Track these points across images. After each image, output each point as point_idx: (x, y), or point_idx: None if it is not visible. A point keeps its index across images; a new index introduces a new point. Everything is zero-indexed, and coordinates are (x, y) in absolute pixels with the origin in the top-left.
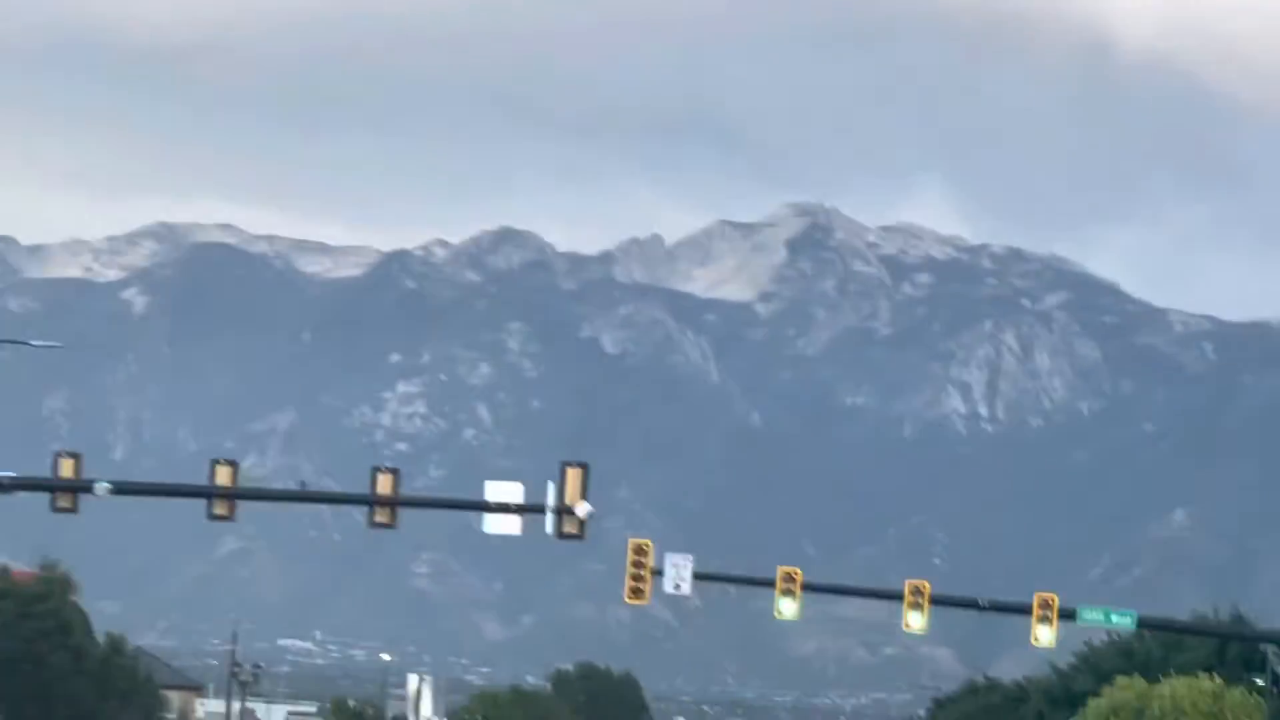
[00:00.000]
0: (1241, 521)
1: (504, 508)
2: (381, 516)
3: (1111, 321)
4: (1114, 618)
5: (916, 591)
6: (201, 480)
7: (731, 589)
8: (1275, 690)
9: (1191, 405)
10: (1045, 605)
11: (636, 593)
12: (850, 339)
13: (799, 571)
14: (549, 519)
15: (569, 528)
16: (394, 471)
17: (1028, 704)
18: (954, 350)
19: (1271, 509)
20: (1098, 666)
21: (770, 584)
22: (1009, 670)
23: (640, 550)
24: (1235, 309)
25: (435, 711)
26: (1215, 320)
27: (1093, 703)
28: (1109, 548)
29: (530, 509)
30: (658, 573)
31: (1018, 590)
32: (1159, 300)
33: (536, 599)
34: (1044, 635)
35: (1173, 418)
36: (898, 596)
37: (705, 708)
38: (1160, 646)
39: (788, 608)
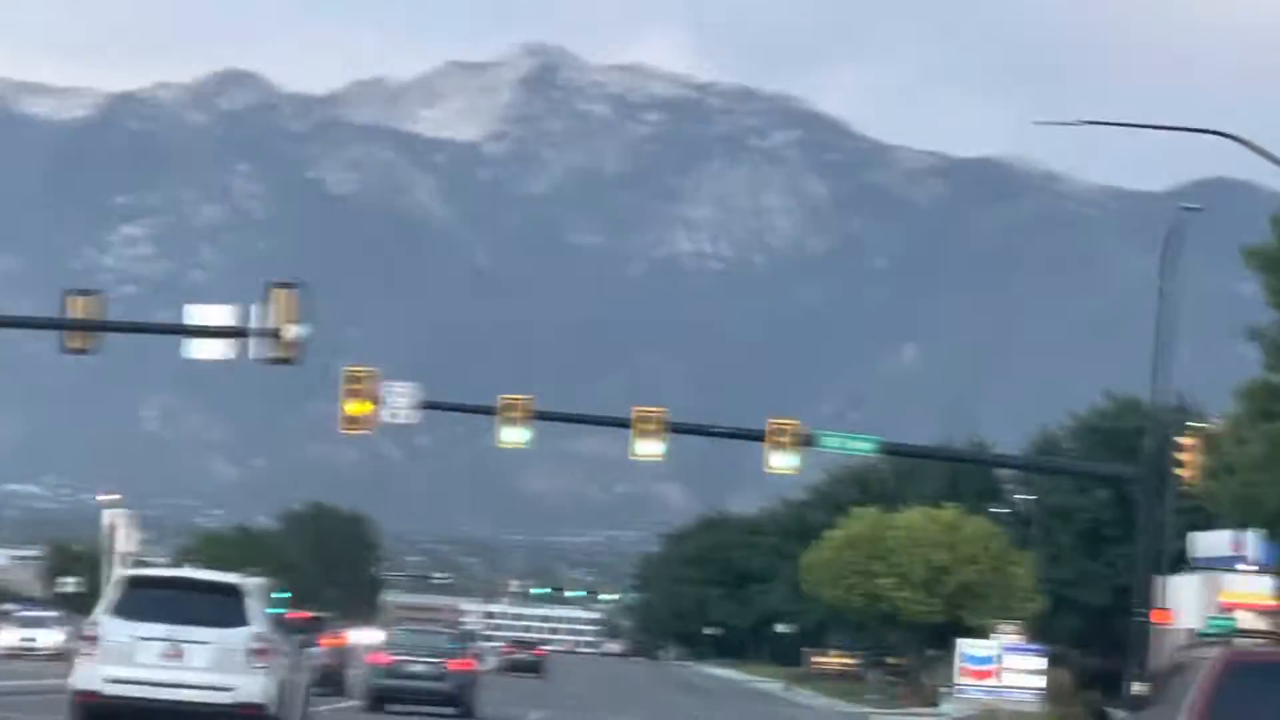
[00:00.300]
0: (971, 354)
1: (205, 331)
2: (76, 342)
3: (840, 159)
4: (852, 443)
5: (645, 419)
6: None
7: (462, 427)
8: (1012, 517)
9: (919, 241)
10: (780, 431)
11: (353, 421)
12: (579, 178)
13: (521, 398)
14: (252, 342)
15: (278, 351)
16: (91, 294)
17: (762, 537)
18: (682, 189)
19: (998, 340)
20: (833, 499)
21: (493, 411)
22: (742, 507)
23: (354, 378)
24: (963, 145)
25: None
26: (943, 156)
27: (829, 534)
28: (840, 384)
29: (233, 332)
30: (378, 400)
31: (748, 424)
32: (887, 138)
33: (267, 440)
34: (779, 462)
35: (901, 254)
36: (626, 424)
37: (441, 547)
38: (895, 478)
39: (510, 435)
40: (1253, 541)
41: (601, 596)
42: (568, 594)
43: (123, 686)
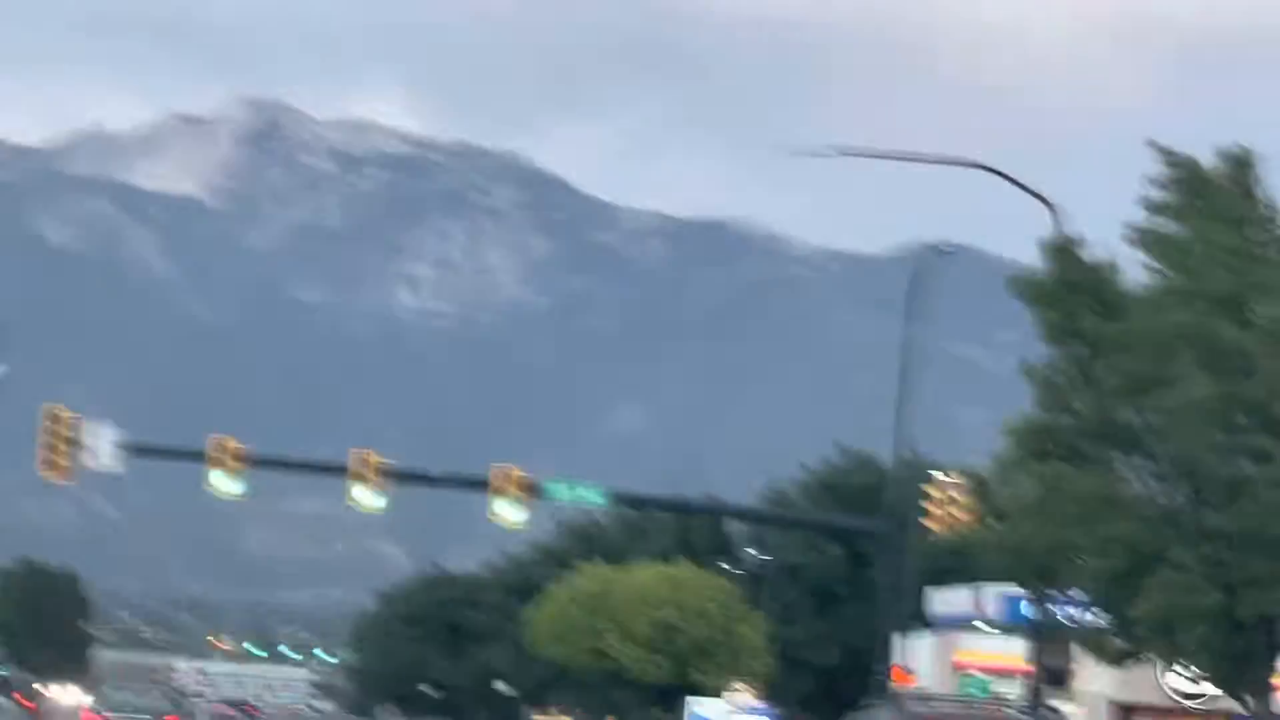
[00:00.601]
0: (688, 416)
1: None
2: None
3: (561, 217)
4: (580, 491)
5: (363, 464)
6: None
7: (181, 484)
8: (745, 575)
9: (642, 301)
10: (504, 478)
11: (51, 465)
12: (300, 233)
13: (233, 441)
14: None
15: None
16: None
17: (484, 594)
18: (404, 244)
19: (721, 402)
20: (557, 554)
21: (203, 458)
22: (462, 564)
23: (55, 418)
24: (685, 206)
25: None
26: (665, 217)
27: (554, 589)
28: (562, 443)
29: None
30: (77, 444)
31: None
32: (610, 196)
33: None
34: (504, 511)
35: (624, 313)
36: (343, 470)
37: (155, 604)
38: (623, 534)
39: (222, 482)
40: (993, 599)
41: (319, 654)
42: (284, 652)
43: None
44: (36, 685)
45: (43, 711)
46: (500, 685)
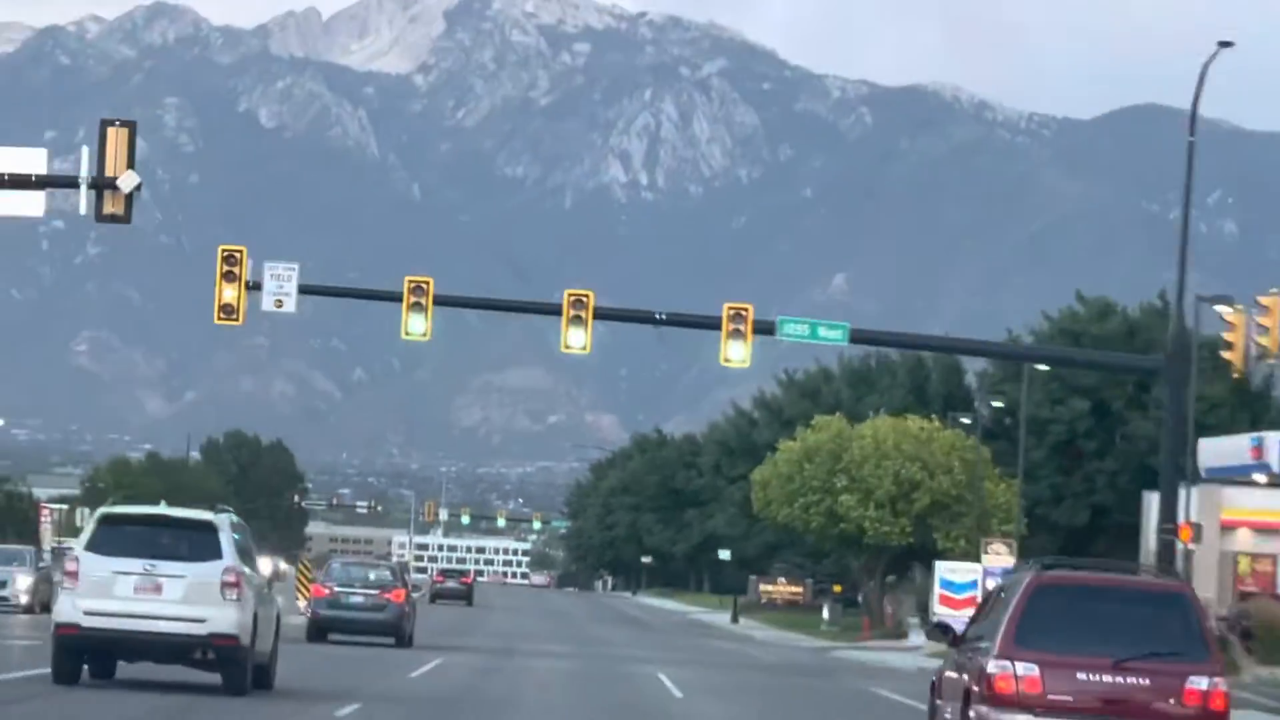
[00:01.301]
0: (899, 282)
1: (19, 181)
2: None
3: (770, 88)
4: (822, 330)
5: (579, 303)
6: None
7: (397, 360)
8: (983, 430)
9: (849, 170)
10: (738, 316)
11: (228, 311)
12: (509, 110)
13: (430, 281)
14: (83, 195)
15: (111, 206)
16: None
17: (702, 457)
18: (613, 119)
19: (926, 269)
20: (780, 413)
21: (394, 298)
22: (678, 433)
23: (232, 259)
24: (889, 74)
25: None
26: (871, 85)
27: (784, 445)
28: (771, 314)
29: (53, 181)
30: (255, 286)
31: (684, 356)
32: (816, 66)
33: (199, 374)
34: (736, 353)
35: (831, 183)
36: (555, 311)
37: (370, 479)
38: (850, 387)
39: (416, 325)
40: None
41: (535, 525)
42: (499, 523)
43: (101, 619)
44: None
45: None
46: (722, 553)
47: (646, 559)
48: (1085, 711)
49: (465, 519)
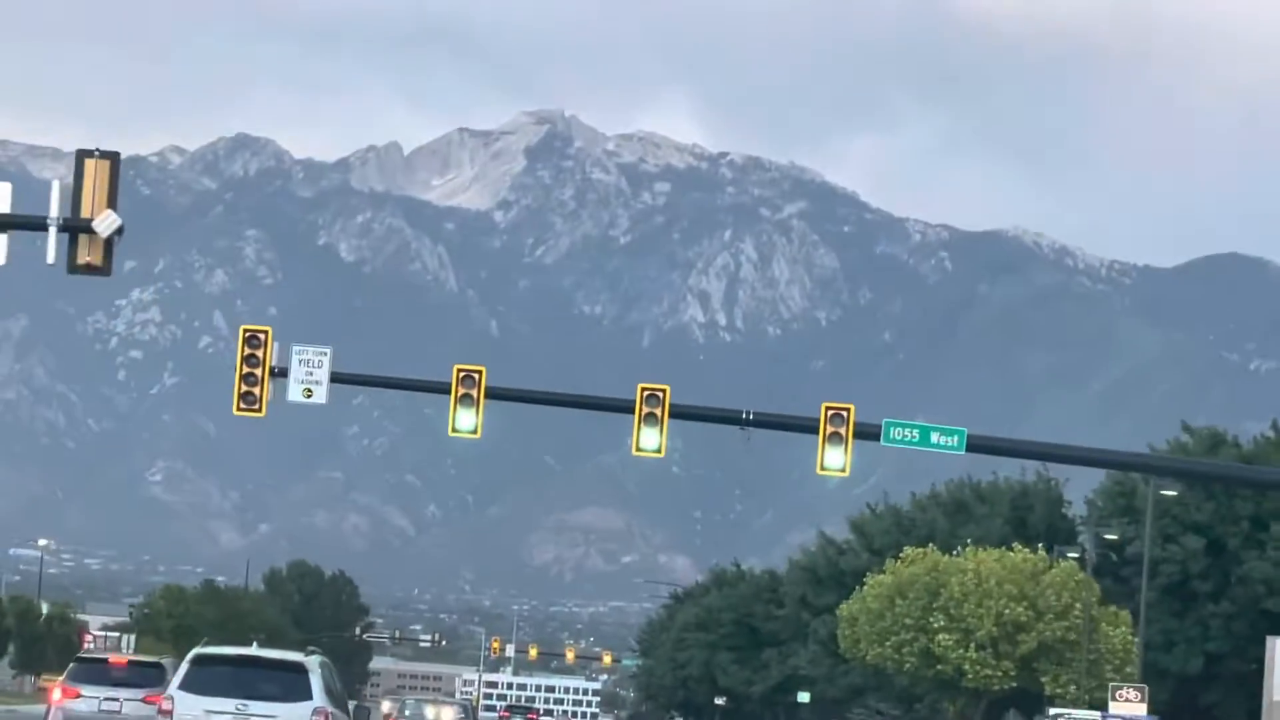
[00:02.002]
0: (977, 428)
1: None
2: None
3: (850, 231)
4: (935, 436)
5: (653, 398)
6: None
7: (471, 496)
8: (1090, 564)
9: (928, 314)
10: (838, 418)
11: (249, 401)
12: (589, 247)
13: (482, 370)
14: (52, 240)
15: (87, 254)
16: None
17: (785, 587)
18: (692, 259)
19: (1004, 416)
20: (870, 542)
21: (441, 389)
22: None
23: (255, 340)
24: (970, 218)
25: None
26: (952, 229)
27: (874, 580)
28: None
29: (20, 222)
30: (282, 373)
31: (760, 499)
32: (897, 210)
33: (273, 507)
34: (834, 460)
35: (910, 327)
36: (628, 409)
37: (443, 616)
38: (945, 517)
39: (465, 421)
40: None
41: (606, 663)
42: (568, 660)
43: None
44: None
45: None
46: (802, 695)
47: (720, 700)
48: None
49: (532, 653)
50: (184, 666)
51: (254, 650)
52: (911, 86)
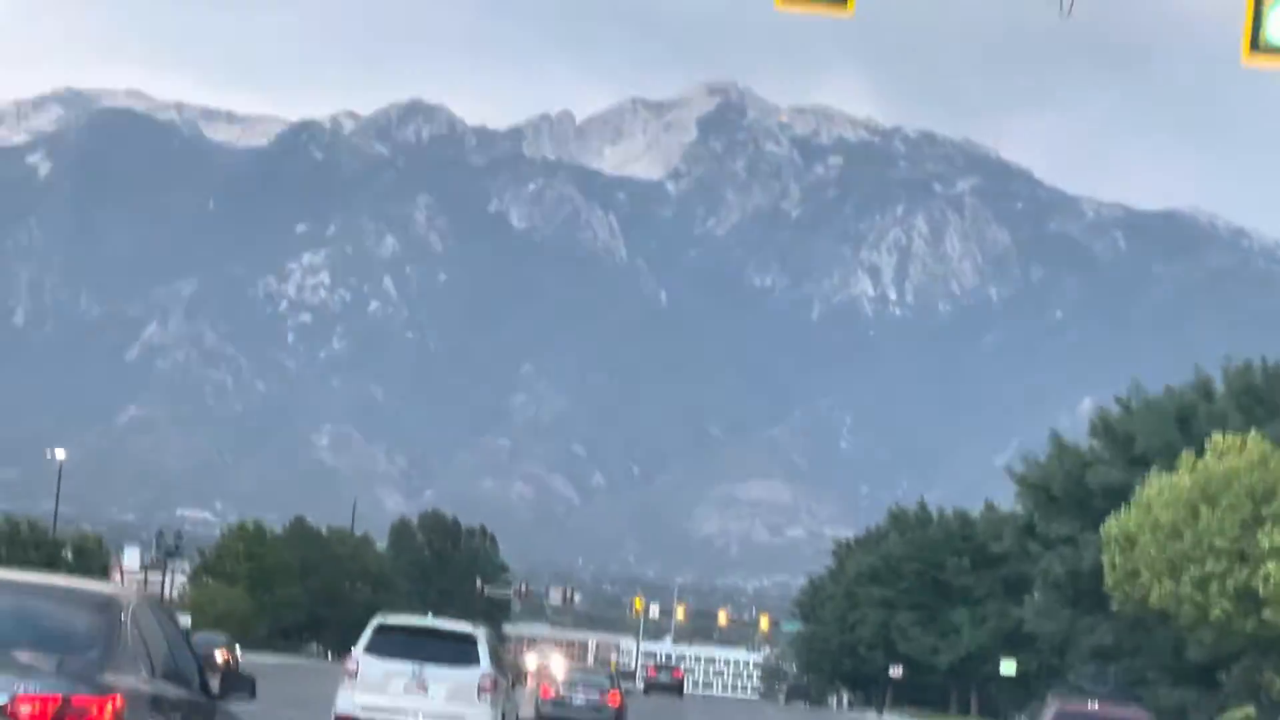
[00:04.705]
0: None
1: None
2: None
3: (1023, 208)
4: None
5: None
6: (104, 343)
7: (637, 467)
8: None
9: (1101, 293)
10: None
11: None
12: (759, 220)
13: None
14: None
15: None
16: None
17: (978, 536)
18: (864, 233)
19: None
20: (1128, 448)
21: None
22: None
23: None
24: (1145, 197)
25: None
26: (1126, 209)
27: (1159, 482)
28: (1015, 435)
29: None
30: None
31: (923, 474)
32: (1071, 188)
33: (439, 473)
34: None
35: (1082, 306)
36: None
37: (605, 585)
38: (1239, 411)
39: None
40: None
41: (763, 628)
42: (721, 626)
43: (373, 713)
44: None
45: None
46: (1005, 665)
47: (895, 670)
48: None
49: (679, 615)
50: (367, 633)
51: (430, 620)
52: (1086, 63)
